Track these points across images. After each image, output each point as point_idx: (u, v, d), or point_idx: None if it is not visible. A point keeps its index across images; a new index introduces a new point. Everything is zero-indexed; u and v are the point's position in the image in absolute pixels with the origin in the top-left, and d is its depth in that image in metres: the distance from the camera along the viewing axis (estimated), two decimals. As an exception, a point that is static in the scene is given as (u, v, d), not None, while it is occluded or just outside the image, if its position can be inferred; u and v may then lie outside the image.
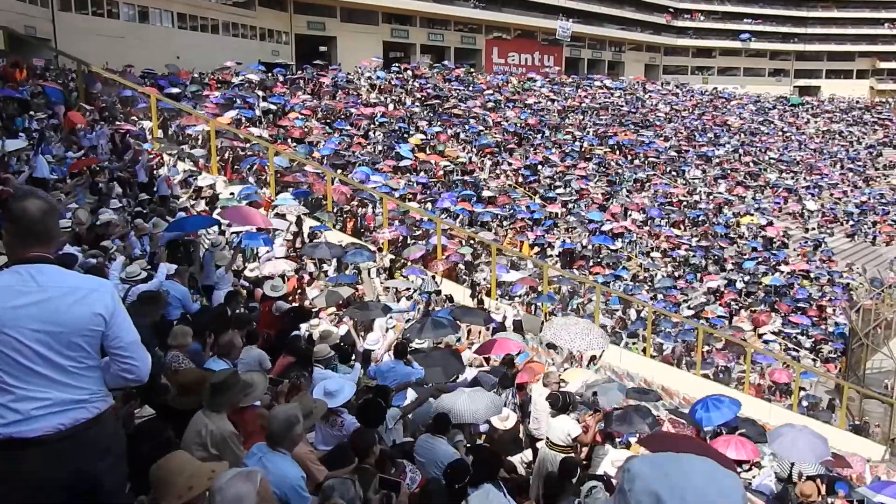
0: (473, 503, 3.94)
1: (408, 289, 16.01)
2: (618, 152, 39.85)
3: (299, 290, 11.69)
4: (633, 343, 19.51)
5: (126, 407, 3.85)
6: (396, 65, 42.83)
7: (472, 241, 22.05)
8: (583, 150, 37.91)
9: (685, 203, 36.14)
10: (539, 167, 33.38)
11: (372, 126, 30.07)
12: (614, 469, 6.96)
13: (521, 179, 31.69)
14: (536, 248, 25.38)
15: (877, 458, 15.39)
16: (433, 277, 16.64)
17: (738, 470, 7.73)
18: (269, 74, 31.92)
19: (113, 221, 8.97)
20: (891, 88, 68.88)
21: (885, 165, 53.10)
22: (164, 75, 27.22)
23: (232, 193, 15.34)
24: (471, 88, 42.01)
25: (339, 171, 22.77)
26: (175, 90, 24.88)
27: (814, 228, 39.26)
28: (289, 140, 24.89)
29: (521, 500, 6.14)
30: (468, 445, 6.32)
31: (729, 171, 43.18)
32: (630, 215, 31.86)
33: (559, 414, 6.97)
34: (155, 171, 14.52)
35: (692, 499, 1.01)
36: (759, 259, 31.74)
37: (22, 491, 2.53)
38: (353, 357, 8.76)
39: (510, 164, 32.63)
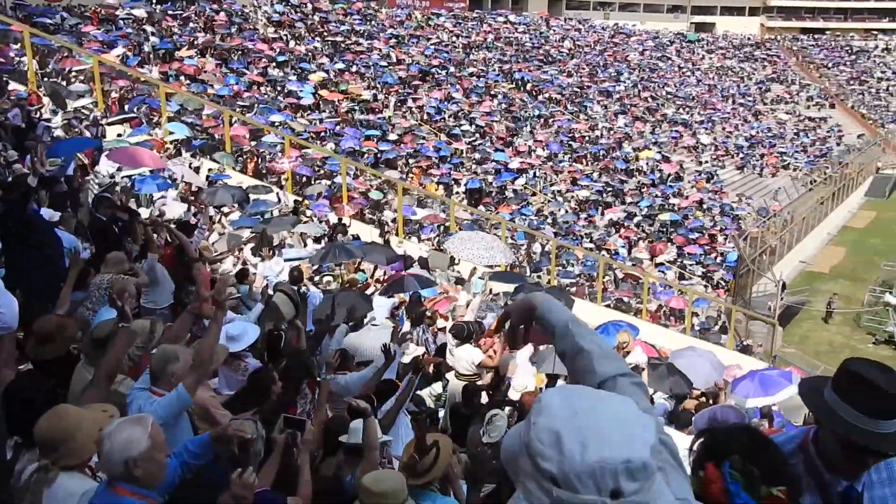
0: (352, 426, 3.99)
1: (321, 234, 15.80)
2: (522, 89, 40.04)
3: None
4: (538, 276, 20.03)
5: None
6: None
7: (377, 179, 21.93)
8: (487, 86, 37.89)
9: (587, 138, 36.89)
10: (444, 105, 33.18)
11: (271, 64, 28.98)
12: (527, 365, 7.20)
13: (426, 117, 31.45)
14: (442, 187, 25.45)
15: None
16: (340, 221, 16.46)
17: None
18: (157, 7, 29.97)
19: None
20: (779, 25, 71.52)
21: (773, 100, 55.64)
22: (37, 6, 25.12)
23: (119, 135, 14.56)
24: (372, 23, 40.97)
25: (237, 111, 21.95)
26: (47, 20, 23.03)
27: (707, 161, 40.92)
28: (181, 78, 23.71)
29: (430, 431, 6.27)
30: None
31: (629, 107, 44.22)
32: (534, 152, 32.27)
33: (463, 343, 7.10)
34: (33, 116, 13.55)
35: (593, 445, 0.94)
36: (657, 194, 32.97)
37: None
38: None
39: (415, 99, 32.28)
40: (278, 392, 4.51)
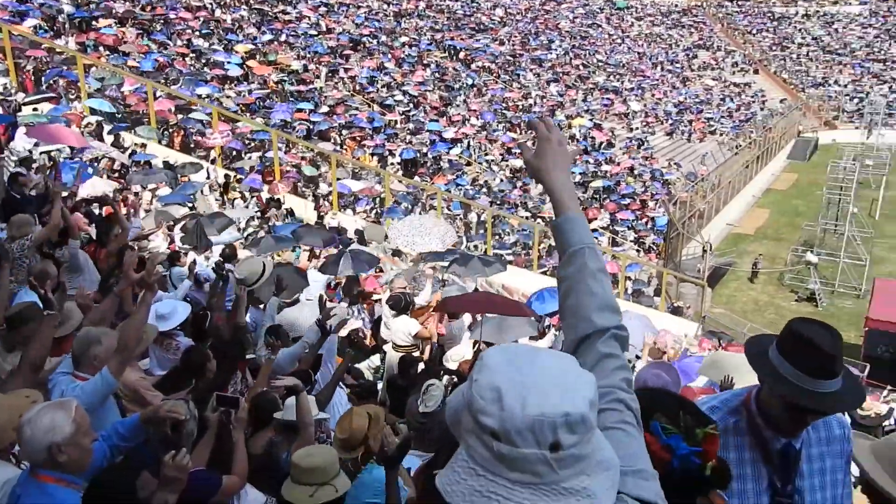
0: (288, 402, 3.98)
1: (246, 206, 15.54)
2: (454, 58, 39.85)
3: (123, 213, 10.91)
4: (475, 246, 20.15)
5: None
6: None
7: (310, 151, 21.61)
8: (419, 56, 37.57)
9: (520, 107, 37.05)
10: (376, 74, 32.77)
11: (194, 34, 28.00)
12: (466, 335, 7.28)
13: (358, 88, 31.03)
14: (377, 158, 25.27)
15: (691, 334, 17.18)
16: (275, 198, 16.16)
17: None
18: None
19: None
20: (705, -8, 72.98)
21: (700, 67, 56.88)
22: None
23: (35, 109, 13.91)
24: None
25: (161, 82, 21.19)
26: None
27: (637, 128, 41.67)
28: (100, 49, 22.70)
29: (369, 403, 6.29)
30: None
31: (561, 75, 44.54)
32: (468, 121, 32.26)
33: (400, 314, 7.11)
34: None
35: (533, 400, 0.96)
36: (590, 161, 33.44)
37: None
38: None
39: (346, 70, 31.77)
40: (213, 370, 4.44)
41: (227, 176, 16.64)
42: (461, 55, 40.39)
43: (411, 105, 31.47)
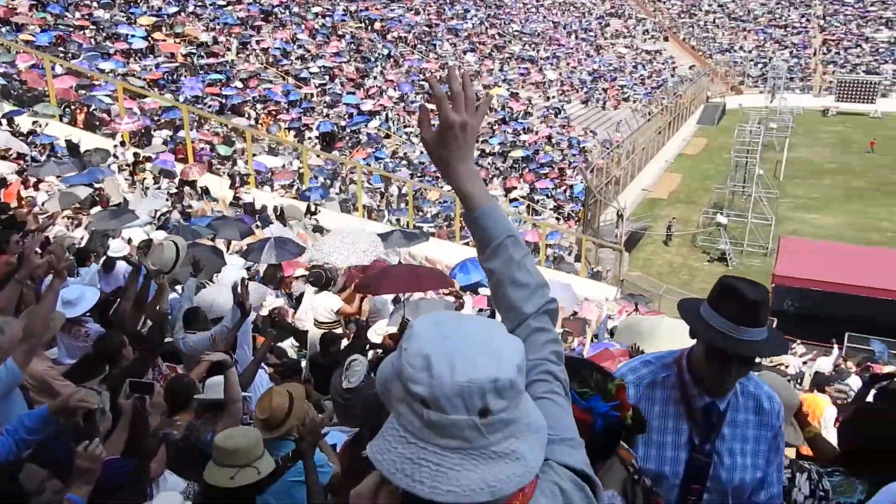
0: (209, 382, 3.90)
1: (158, 187, 15.04)
2: (369, 28, 39.27)
3: (23, 197, 10.40)
4: (397, 220, 20.11)
5: None
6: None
7: (224, 127, 20.99)
8: (334, 26, 36.84)
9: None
10: (289, 46, 31.98)
11: (93, 5, 26.61)
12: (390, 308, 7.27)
13: (271, 60, 30.22)
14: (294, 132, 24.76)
15: (611, 297, 17.68)
16: (188, 185, 15.61)
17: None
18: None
19: None
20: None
21: (612, 35, 57.87)
22: None
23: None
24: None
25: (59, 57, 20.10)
26: None
27: (554, 97, 42.19)
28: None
29: (293, 381, 6.22)
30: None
31: (477, 45, 44.53)
32: (386, 92, 31.95)
33: (321, 291, 7.04)
34: None
35: (461, 366, 0.97)
36: (508, 131, 33.70)
37: None
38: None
39: (258, 41, 30.87)
40: (129, 357, 4.29)
41: (136, 154, 16.00)
42: (376, 25, 39.81)
43: (327, 77, 30.91)
